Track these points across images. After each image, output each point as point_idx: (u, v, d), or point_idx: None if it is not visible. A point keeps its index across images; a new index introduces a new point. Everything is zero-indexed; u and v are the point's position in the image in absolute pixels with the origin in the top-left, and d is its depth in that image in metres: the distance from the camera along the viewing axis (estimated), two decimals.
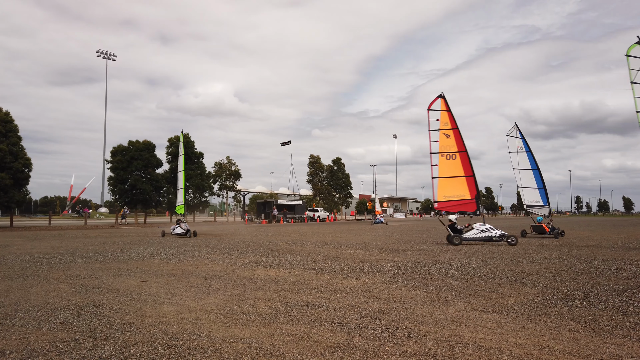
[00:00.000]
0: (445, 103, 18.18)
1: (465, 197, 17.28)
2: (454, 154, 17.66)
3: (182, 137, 25.56)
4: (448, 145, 17.75)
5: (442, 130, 17.88)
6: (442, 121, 17.95)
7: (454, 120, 17.92)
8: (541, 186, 23.38)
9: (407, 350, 4.15)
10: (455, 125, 17.82)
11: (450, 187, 17.44)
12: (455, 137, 17.70)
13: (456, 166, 17.56)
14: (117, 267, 9.88)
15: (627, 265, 10.15)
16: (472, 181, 17.37)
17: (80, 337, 4.59)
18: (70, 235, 22.88)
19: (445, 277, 8.49)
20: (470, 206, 17.26)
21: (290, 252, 13.46)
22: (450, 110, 18.04)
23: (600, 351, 4.13)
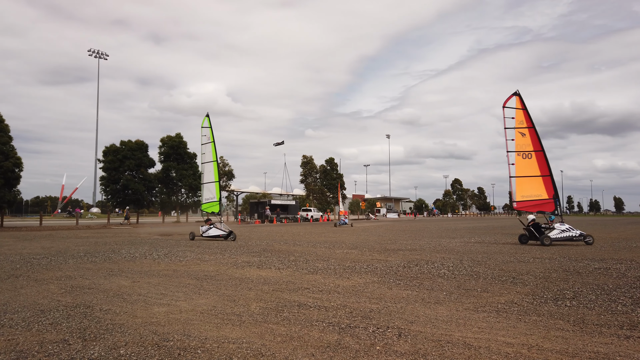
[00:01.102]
0: (521, 101, 17.75)
1: (543, 197, 17.15)
2: (529, 153, 17.47)
3: (209, 122, 21.17)
4: (524, 144, 17.50)
5: (518, 129, 17.61)
6: (517, 119, 17.65)
7: (529, 118, 17.57)
8: None
9: (397, 349, 4.17)
10: (531, 124, 17.53)
11: (528, 186, 17.32)
12: (531, 136, 17.46)
13: (532, 165, 17.39)
14: (108, 268, 9.82)
15: (616, 265, 10.25)
16: (549, 181, 17.23)
17: (70, 338, 4.56)
18: (62, 235, 22.72)
19: (437, 277, 8.53)
20: (549, 206, 17.10)
21: (283, 252, 13.45)
22: (526, 109, 17.66)
23: (588, 350, 4.17)
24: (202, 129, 21.32)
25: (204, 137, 21.07)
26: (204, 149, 21.10)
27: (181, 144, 46.78)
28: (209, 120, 21.27)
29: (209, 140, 20.87)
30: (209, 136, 20.87)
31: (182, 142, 46.93)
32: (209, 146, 20.91)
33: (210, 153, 20.80)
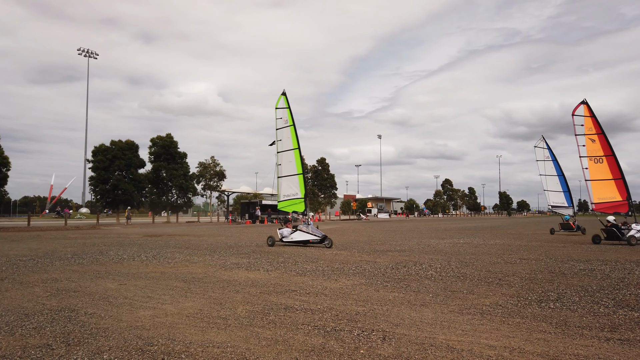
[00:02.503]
0: (589, 109, 18.71)
1: (617, 198, 18.00)
2: (600, 158, 18.32)
3: (286, 101, 17.85)
4: (595, 150, 18.40)
5: (588, 135, 18.57)
6: (586, 126, 18.59)
7: (598, 125, 18.46)
8: (566, 190, 26.73)
9: (380, 353, 4.20)
10: (600, 130, 18.39)
11: (603, 189, 18.14)
12: (601, 141, 18.31)
13: (604, 169, 18.23)
14: (95, 270, 9.76)
15: (601, 266, 10.38)
16: (622, 183, 18.00)
17: (53, 342, 4.54)
18: (50, 236, 22.52)
19: (424, 279, 8.58)
20: (623, 207, 17.94)
21: (273, 254, 13.45)
22: (594, 116, 18.56)
23: (568, 352, 4.23)
24: (276, 110, 18.02)
25: (280, 120, 17.82)
26: (280, 134, 17.86)
27: (172, 144, 46.59)
28: (286, 99, 17.82)
29: (287, 123, 17.53)
30: (287, 118, 17.56)
31: (172, 142, 46.74)
32: (286, 131, 17.57)
33: (289, 139, 17.47)
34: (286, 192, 17.50)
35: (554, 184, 26.94)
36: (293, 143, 17.32)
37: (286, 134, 17.60)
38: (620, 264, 10.72)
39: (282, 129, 17.75)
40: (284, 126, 17.70)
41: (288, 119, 17.53)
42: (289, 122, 17.48)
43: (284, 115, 17.74)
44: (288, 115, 17.57)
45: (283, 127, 17.72)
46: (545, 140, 27.03)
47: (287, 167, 17.55)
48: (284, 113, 17.74)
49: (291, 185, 17.29)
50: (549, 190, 26.98)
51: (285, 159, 17.61)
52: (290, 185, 17.32)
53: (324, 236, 15.83)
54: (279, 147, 17.77)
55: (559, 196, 26.87)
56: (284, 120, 17.67)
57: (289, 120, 17.49)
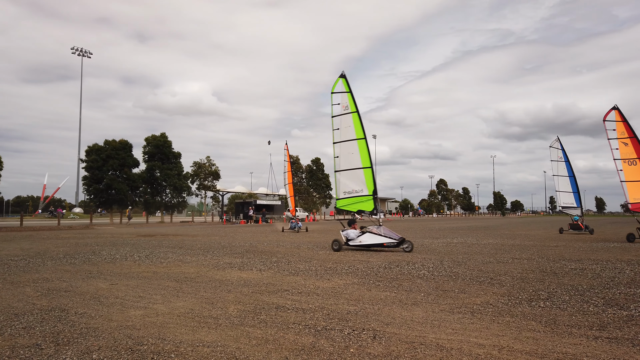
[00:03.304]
0: (620, 114, 19.21)
1: None
2: (634, 160, 18.83)
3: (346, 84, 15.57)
4: (628, 152, 18.94)
5: (620, 139, 19.09)
6: (618, 131, 19.12)
7: (630, 129, 19.00)
8: (575, 191, 27.18)
9: (370, 352, 4.21)
10: (633, 134, 18.89)
11: (638, 189, 18.77)
12: (634, 144, 18.83)
13: (638, 171, 18.79)
14: (87, 270, 9.72)
15: (592, 265, 10.45)
16: None
17: (43, 342, 4.52)
18: (42, 236, 22.39)
19: (416, 278, 8.61)
20: None
21: (266, 253, 13.44)
22: (626, 120, 19.09)
23: (557, 350, 4.26)
24: (333, 95, 15.78)
25: (337, 107, 15.63)
26: (340, 122, 15.52)
27: (166, 143, 46.46)
28: (346, 82, 15.56)
29: (348, 109, 15.28)
30: (348, 104, 15.32)
31: (166, 141, 46.62)
32: (347, 118, 15.27)
33: (350, 128, 15.20)
34: (347, 189, 15.34)
35: (565, 185, 27.47)
36: (357, 132, 15.05)
37: (346, 122, 15.33)
38: (611, 264, 10.80)
39: (341, 117, 15.48)
40: (343, 113, 15.42)
41: (349, 104, 15.29)
42: (351, 108, 15.23)
43: (343, 101, 15.49)
44: (349, 100, 15.34)
45: (342, 113, 15.45)
46: (560, 141, 27.58)
47: (348, 159, 15.30)
48: (344, 98, 15.49)
49: (354, 180, 15.11)
50: (561, 190, 27.54)
51: (346, 150, 15.35)
52: (353, 181, 15.14)
53: (401, 238, 13.90)
54: (336, 137, 15.64)
55: (569, 197, 27.42)
56: (343, 106, 15.42)
57: (351, 106, 15.25)
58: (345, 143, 15.43)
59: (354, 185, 15.10)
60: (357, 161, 15.05)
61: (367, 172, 14.92)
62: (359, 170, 15.03)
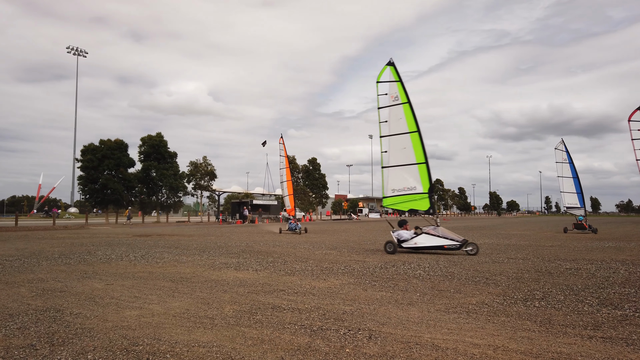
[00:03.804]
0: None
1: None
2: None
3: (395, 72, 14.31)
4: None
5: None
6: None
7: None
8: (579, 191, 27.95)
9: (366, 352, 4.21)
10: None
11: None
12: None
13: None
14: (82, 270, 9.69)
15: (587, 265, 10.50)
16: None
17: (37, 343, 4.50)
18: (37, 236, 22.29)
19: (412, 278, 8.62)
20: None
21: (262, 253, 13.43)
22: None
23: (552, 350, 4.27)
24: (378, 85, 14.46)
25: (384, 97, 14.33)
26: (388, 114, 14.28)
27: (161, 143, 46.35)
28: (395, 70, 14.26)
29: (398, 100, 14.01)
30: (398, 94, 14.03)
31: (162, 141, 46.50)
32: (397, 110, 14.02)
33: (401, 120, 13.92)
34: (397, 186, 14.10)
35: (569, 186, 28.23)
36: (409, 125, 13.85)
37: (396, 114, 14.10)
38: (605, 263, 10.85)
39: (389, 108, 14.25)
40: (392, 104, 14.19)
41: (399, 94, 14.04)
42: (402, 99, 13.97)
43: (391, 91, 14.23)
44: (399, 90, 14.06)
45: (390, 105, 14.21)
46: (565, 144, 28.45)
47: (398, 154, 14.13)
48: (393, 88, 14.21)
49: (405, 177, 13.96)
50: (565, 191, 28.24)
51: (396, 144, 14.15)
52: (404, 177, 13.98)
53: (464, 240, 12.93)
54: (384, 130, 14.37)
55: (573, 197, 28.15)
56: (392, 96, 14.16)
57: (402, 96, 13.99)
58: (395, 137, 14.22)
59: (406, 182, 13.96)
60: (410, 156, 13.91)
61: (422, 168, 13.79)
62: (412, 166, 13.89)
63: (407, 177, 13.99)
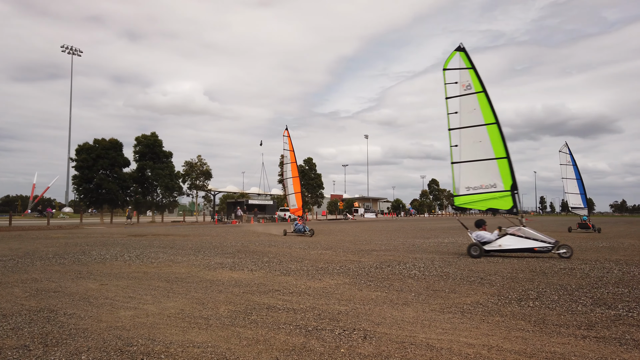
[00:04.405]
0: None
1: None
2: None
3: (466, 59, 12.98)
4: None
5: None
6: None
7: None
8: (582, 192, 28.86)
9: (361, 352, 4.22)
10: None
11: None
12: None
13: None
14: (76, 270, 9.64)
15: (581, 265, 10.55)
16: None
17: (31, 343, 4.48)
18: (31, 236, 22.17)
19: (407, 278, 8.64)
20: None
21: (257, 253, 13.42)
22: None
23: (545, 350, 4.29)
24: (445, 72, 13.31)
25: (454, 86, 13.16)
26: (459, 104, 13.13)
27: (156, 142, 46.23)
28: (466, 56, 13.05)
29: (472, 89, 12.84)
30: (472, 82, 12.85)
31: (157, 140, 46.38)
32: (471, 99, 12.86)
33: (475, 111, 12.77)
34: (471, 183, 12.91)
35: (573, 187, 29.08)
36: (485, 116, 12.64)
37: (469, 104, 12.90)
38: (599, 263, 10.91)
39: (461, 98, 13.08)
40: (464, 93, 13.00)
41: (472, 82, 12.81)
42: (475, 88, 12.76)
43: (462, 79, 13.04)
44: (472, 77, 12.82)
45: (462, 94, 13.04)
46: (568, 147, 29.30)
47: (472, 148, 12.88)
48: (464, 75, 13.02)
49: (482, 173, 12.75)
50: (569, 192, 29.07)
51: (470, 138, 12.92)
52: (481, 174, 12.77)
53: (556, 242, 11.94)
54: (453, 122, 13.17)
55: (577, 198, 29.06)
56: (464, 85, 13.00)
57: (475, 85, 12.77)
58: (468, 129, 12.97)
59: (483, 179, 12.75)
60: (488, 150, 12.66)
61: (502, 163, 12.51)
62: (490, 161, 12.64)
63: (484, 174, 12.75)
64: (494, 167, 12.61)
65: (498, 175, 12.56)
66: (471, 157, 13.00)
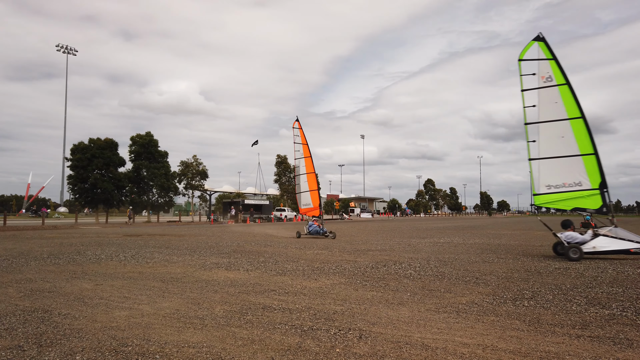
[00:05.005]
0: None
1: None
2: None
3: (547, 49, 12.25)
4: None
5: None
6: None
7: None
8: None
9: (356, 352, 4.22)
10: None
11: None
12: None
13: None
14: (71, 270, 9.60)
15: (576, 265, 10.60)
16: None
17: (25, 344, 4.46)
18: (26, 236, 22.06)
19: (403, 278, 8.65)
20: None
21: (253, 253, 13.40)
22: None
23: (540, 349, 4.31)
24: (522, 63, 12.68)
25: (532, 78, 12.48)
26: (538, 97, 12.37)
27: (151, 142, 46.10)
28: (547, 46, 12.36)
29: (553, 81, 12.14)
30: (552, 74, 12.16)
31: (152, 140, 46.26)
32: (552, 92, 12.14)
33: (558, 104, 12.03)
34: (553, 182, 12.14)
35: None
36: (569, 110, 11.92)
37: (550, 97, 12.20)
38: (594, 263, 10.96)
39: (540, 90, 12.35)
40: (544, 85, 12.28)
41: (553, 74, 12.12)
42: (557, 80, 12.07)
43: (541, 70, 12.34)
44: (553, 69, 12.14)
45: (542, 86, 12.33)
46: None
47: (553, 144, 12.14)
48: (543, 66, 12.31)
49: (566, 171, 11.99)
50: None
51: (550, 133, 12.16)
52: (564, 172, 12.01)
53: None
54: (529, 116, 12.50)
55: None
56: (543, 76, 12.30)
57: (557, 77, 12.08)
58: (548, 124, 12.22)
59: (565, 177, 12.01)
60: (572, 146, 11.90)
61: (588, 160, 11.75)
62: (574, 157, 11.89)
63: (567, 171, 11.99)
64: (579, 164, 11.89)
65: (584, 173, 11.82)
66: (552, 153, 12.22)
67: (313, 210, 22.90)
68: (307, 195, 23.31)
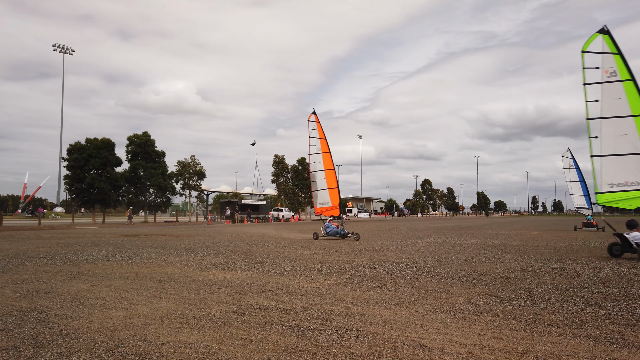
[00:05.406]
0: None
1: None
2: None
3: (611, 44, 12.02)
4: None
5: None
6: None
7: None
8: (586, 194, 30.76)
9: (353, 352, 4.22)
10: None
11: None
12: None
13: None
14: (67, 270, 9.58)
15: (572, 265, 10.64)
16: None
17: (21, 344, 4.44)
18: (22, 236, 21.98)
19: (400, 278, 8.66)
20: None
21: (251, 254, 13.39)
22: None
23: (536, 349, 4.32)
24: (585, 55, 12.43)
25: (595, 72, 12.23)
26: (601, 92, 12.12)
27: (148, 142, 46.01)
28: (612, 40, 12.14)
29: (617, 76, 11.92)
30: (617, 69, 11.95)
31: (149, 140, 46.17)
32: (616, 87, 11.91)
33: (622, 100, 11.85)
34: (616, 180, 11.82)
35: (577, 189, 30.98)
36: (633, 106, 11.68)
37: (613, 93, 11.94)
38: (590, 263, 11.00)
39: (603, 85, 12.07)
40: (606, 80, 12.02)
41: (618, 69, 11.84)
42: (622, 75, 11.81)
43: (605, 64, 12.09)
44: (618, 64, 11.88)
45: (604, 81, 12.05)
46: (571, 152, 31.19)
47: (616, 141, 11.81)
48: (607, 60, 12.07)
49: (627, 169, 11.68)
50: (574, 194, 31.05)
51: (613, 129, 11.88)
52: (625, 170, 11.69)
53: None
54: (592, 111, 12.17)
55: (581, 199, 30.92)
56: (607, 71, 12.05)
57: (622, 72, 11.81)
58: (611, 120, 11.91)
59: (629, 176, 11.67)
60: (636, 144, 11.59)
61: None
62: (638, 156, 11.62)
63: (631, 170, 11.66)
64: None
65: None
66: (615, 150, 11.88)
67: (332, 209, 21.10)
68: (325, 194, 21.39)
